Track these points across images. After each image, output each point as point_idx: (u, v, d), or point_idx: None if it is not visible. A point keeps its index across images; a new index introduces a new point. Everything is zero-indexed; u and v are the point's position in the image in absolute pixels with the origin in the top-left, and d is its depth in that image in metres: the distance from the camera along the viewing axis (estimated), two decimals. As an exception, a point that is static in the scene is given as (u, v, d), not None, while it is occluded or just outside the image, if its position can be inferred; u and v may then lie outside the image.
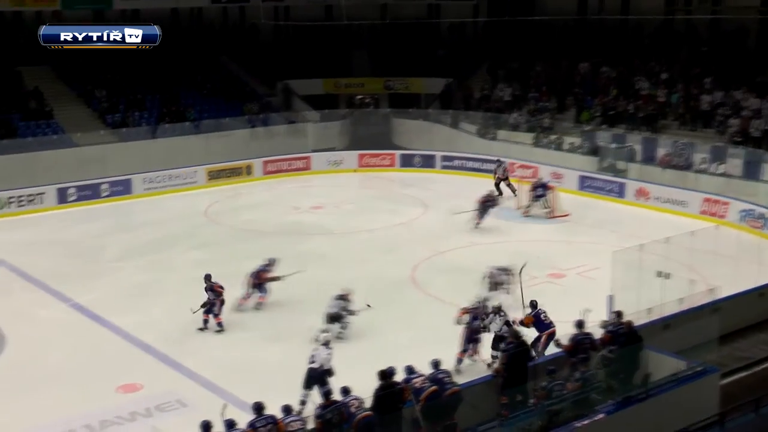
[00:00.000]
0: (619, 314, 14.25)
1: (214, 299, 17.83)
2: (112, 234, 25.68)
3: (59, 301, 19.68)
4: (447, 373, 12.66)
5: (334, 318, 17.17)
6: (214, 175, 32.22)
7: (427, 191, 30.75)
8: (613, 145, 30.67)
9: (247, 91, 38.19)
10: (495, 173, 29.74)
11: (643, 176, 29.02)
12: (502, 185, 29.17)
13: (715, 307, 16.28)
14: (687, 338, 14.72)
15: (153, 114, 34.43)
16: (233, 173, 32.74)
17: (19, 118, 31.56)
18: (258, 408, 11.34)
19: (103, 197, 29.53)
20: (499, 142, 34.32)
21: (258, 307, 19.12)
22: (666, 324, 15.57)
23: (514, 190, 28.84)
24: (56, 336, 17.74)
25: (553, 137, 33.02)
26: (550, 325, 15.58)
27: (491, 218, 25.59)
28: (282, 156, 34.18)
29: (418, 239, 24.47)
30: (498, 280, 18.66)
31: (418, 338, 16.66)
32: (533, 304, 15.90)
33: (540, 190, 26.82)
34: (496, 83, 38.50)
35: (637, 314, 14.97)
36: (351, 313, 17.25)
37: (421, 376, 12.38)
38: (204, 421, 10.99)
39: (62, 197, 28.87)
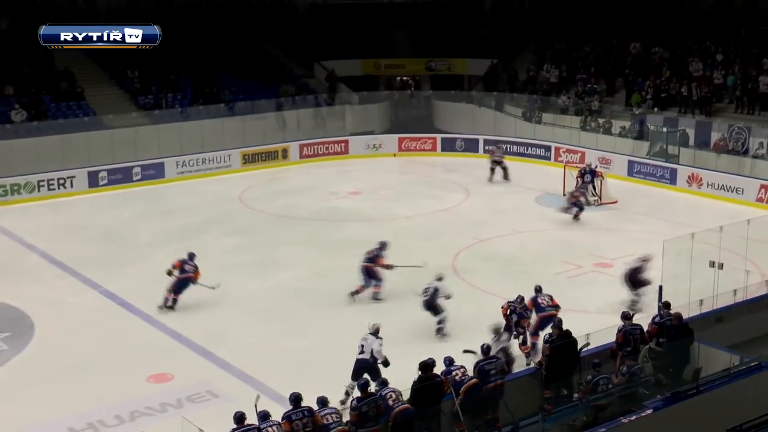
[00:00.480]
0: (667, 305, 14.08)
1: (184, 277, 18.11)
2: (144, 219, 25.91)
3: (89, 288, 19.88)
4: (495, 364, 12.53)
5: (429, 306, 16.81)
6: (249, 159, 32.38)
7: (469, 177, 30.62)
8: (665, 129, 30.29)
9: (283, 72, 38.29)
10: (493, 153, 29.92)
11: (695, 162, 28.64)
12: (498, 169, 29.43)
13: (771, 299, 16.05)
14: (741, 332, 14.54)
15: (186, 95, 34.66)
16: (269, 157, 32.87)
17: (49, 99, 31.93)
18: (296, 399, 11.33)
19: (135, 181, 29.80)
20: (546, 125, 34.06)
21: (376, 297, 18.56)
22: (719, 316, 15.37)
23: (506, 176, 29.20)
24: (86, 324, 17.92)
25: (601, 121, 32.69)
26: (546, 309, 15.62)
27: (539, 206, 25.47)
28: (319, 139, 34.24)
29: (459, 226, 24.39)
30: None
31: (458, 328, 16.59)
32: (537, 289, 16.07)
33: (588, 176, 26.56)
34: (542, 64, 38.18)
35: (688, 306, 14.79)
36: (447, 297, 16.82)
37: (462, 368, 12.31)
38: (237, 413, 11.05)
39: (93, 181, 29.18)
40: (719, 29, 35.03)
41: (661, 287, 15.32)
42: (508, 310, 15.45)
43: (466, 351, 13.72)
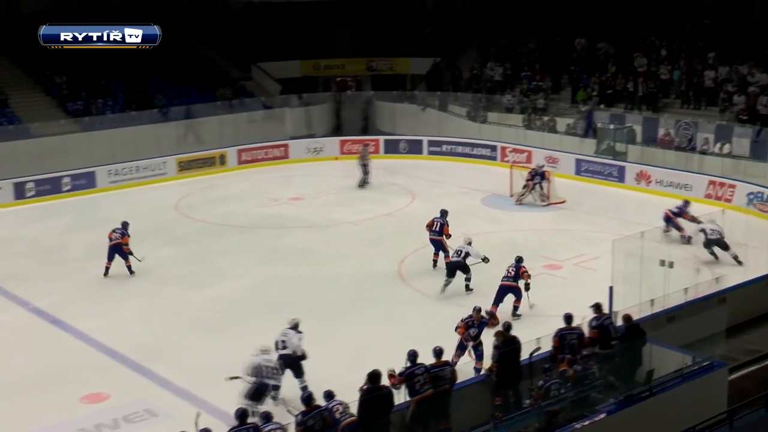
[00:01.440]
0: (598, 307, 14.20)
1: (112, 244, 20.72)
2: (75, 231, 25.49)
3: (16, 305, 19.48)
4: (444, 368, 12.58)
5: (457, 268, 18.92)
6: (185, 166, 32.06)
7: (414, 179, 30.69)
8: (612, 126, 30.67)
9: (219, 75, 38.01)
10: (361, 156, 30.38)
11: (643, 159, 29.04)
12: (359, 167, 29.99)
13: (722, 297, 16.29)
14: (693, 331, 14.70)
15: (118, 101, 34.24)
16: (206, 163, 32.59)
17: (-29, 107, 31.33)
18: (241, 415, 11.24)
19: (65, 192, 29.32)
20: (491, 125, 34.27)
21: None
22: (670, 316, 15.56)
23: (364, 176, 29.71)
24: (14, 343, 17.55)
25: (546, 119, 32.99)
26: (503, 279, 17.83)
27: (486, 207, 25.69)
28: (258, 144, 34.03)
29: (404, 231, 24.39)
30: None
31: (407, 336, 16.54)
32: (517, 259, 18.09)
33: (537, 178, 26.72)
34: (486, 62, 38.46)
35: (639, 306, 14.95)
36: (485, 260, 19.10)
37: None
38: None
39: (20, 192, 28.66)
40: (664, 24, 35.63)
41: (611, 288, 15.44)
42: (466, 328, 15.15)
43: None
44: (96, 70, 34.88)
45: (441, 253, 20.76)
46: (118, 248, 20.75)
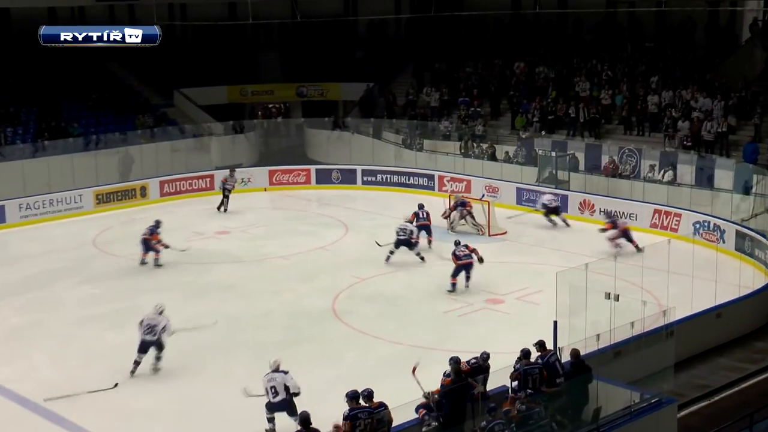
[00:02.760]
0: (542, 345, 14.36)
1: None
2: (-17, 270, 25.00)
3: None
4: (380, 410, 12.61)
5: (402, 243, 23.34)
6: (104, 199, 31.68)
7: (347, 210, 30.75)
8: (553, 154, 31.13)
9: (139, 101, 37.75)
10: (226, 181, 31.27)
11: (586, 187, 29.50)
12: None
13: (669, 330, 16.51)
14: (640, 366, 14.92)
15: (29, 130, 33.77)
16: (125, 196, 32.25)
17: None
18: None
19: (-28, 227, 28.78)
20: (427, 152, 34.56)
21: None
22: (617, 351, 15.76)
23: (224, 206, 31.01)
24: None
25: (484, 146, 33.35)
26: (462, 257, 21.58)
27: (424, 240, 25.88)
28: (181, 175, 33.80)
29: (338, 265, 24.41)
30: None
31: (343, 376, 16.54)
32: (455, 242, 22.14)
33: (460, 208, 27.07)
34: (422, 87, 38.84)
35: (585, 341, 15.13)
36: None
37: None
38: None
39: None
40: (605, 47, 36.40)
41: (555, 323, 15.63)
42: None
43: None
44: (4, 96, 34.38)
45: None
46: (147, 242, 24.27)
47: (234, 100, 41.86)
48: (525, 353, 14.05)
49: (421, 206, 25.89)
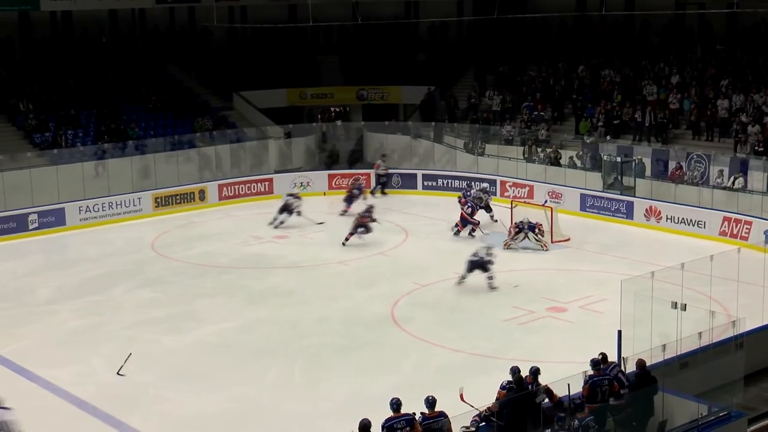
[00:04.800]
0: (604, 357, 14.18)
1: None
2: (43, 272, 25.44)
3: (-21, 353, 19.43)
4: (438, 420, 12.59)
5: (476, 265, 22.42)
6: (162, 202, 32.10)
7: (407, 215, 30.78)
8: (619, 159, 30.85)
9: (198, 104, 38.20)
10: (377, 167, 33.79)
11: (653, 194, 29.19)
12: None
13: (739, 341, 16.27)
14: (708, 378, 14.72)
15: (89, 132, 34.32)
16: (184, 199, 32.63)
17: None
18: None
19: (32, 230, 29.27)
20: (489, 157, 34.44)
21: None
22: (684, 362, 15.55)
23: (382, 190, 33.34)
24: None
25: (548, 151, 33.15)
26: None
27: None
28: (240, 178, 34.12)
29: (397, 271, 24.46)
30: None
31: (401, 384, 16.57)
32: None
33: (527, 231, 26.43)
34: (484, 91, 38.73)
35: (650, 351, 14.98)
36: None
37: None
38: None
39: (-17, 231, 28.68)
40: (673, 50, 35.98)
41: (619, 332, 15.50)
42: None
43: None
44: (65, 98, 35.02)
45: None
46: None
47: (293, 103, 42.11)
48: (594, 363, 13.92)
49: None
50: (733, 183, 27.87)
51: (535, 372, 13.68)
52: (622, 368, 14.37)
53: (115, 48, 39.30)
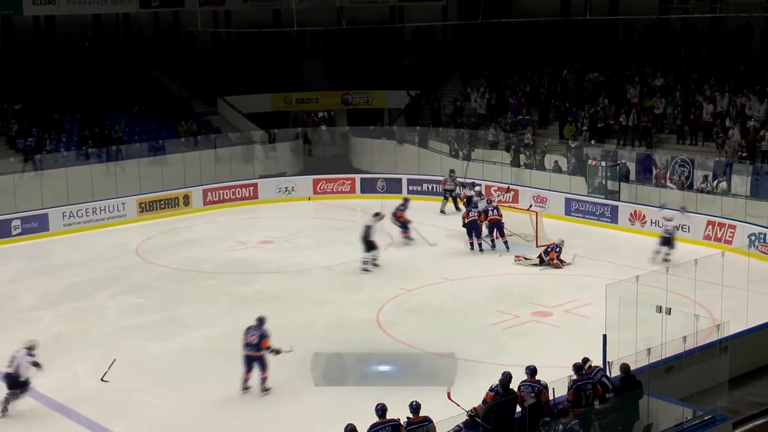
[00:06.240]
0: (585, 361, 14.21)
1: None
2: (26, 278, 25.34)
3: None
4: (422, 425, 12.61)
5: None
6: (146, 207, 32.01)
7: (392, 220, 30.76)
8: (603, 163, 30.95)
9: (182, 108, 38.14)
10: (445, 182, 32.07)
11: (637, 198, 29.30)
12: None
13: (723, 345, 16.34)
14: (693, 382, 14.78)
15: (73, 137, 34.23)
16: (168, 204, 32.55)
17: None
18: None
19: (14, 236, 29.12)
20: (475, 162, 34.50)
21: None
22: (668, 366, 15.63)
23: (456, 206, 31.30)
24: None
25: (533, 155, 33.20)
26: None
27: (469, 250, 25.98)
28: (225, 183, 34.07)
29: (383, 275, 24.47)
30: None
31: (386, 389, 16.56)
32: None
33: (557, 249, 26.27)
34: (469, 95, 38.78)
35: (635, 356, 15.03)
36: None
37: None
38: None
39: (-35, 237, 28.54)
40: (657, 53, 36.14)
41: (604, 336, 15.56)
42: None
43: None
44: (48, 103, 34.91)
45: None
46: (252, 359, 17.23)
47: (278, 108, 42.11)
48: (577, 368, 13.97)
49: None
50: (717, 187, 28.01)
51: (532, 371, 13.72)
52: (607, 372, 14.43)
53: (99, 52, 39.20)
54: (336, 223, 31.23)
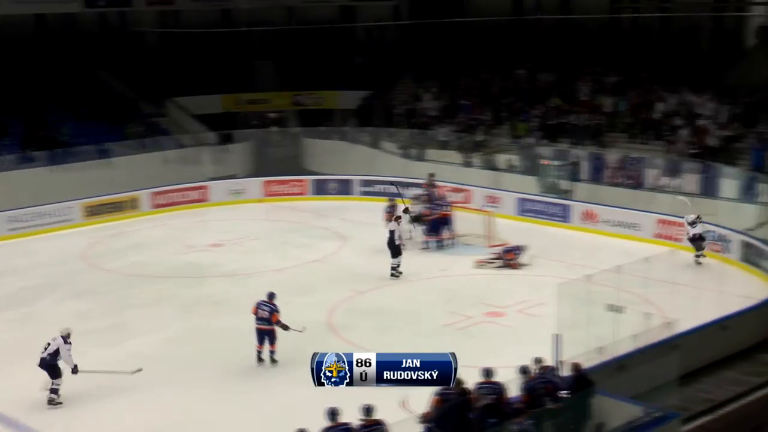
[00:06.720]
0: (538, 360, 14.34)
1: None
2: (-30, 285, 25.03)
3: None
4: (374, 428, 12.62)
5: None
6: (93, 211, 31.71)
7: (344, 222, 30.78)
8: (555, 162, 31.16)
9: (130, 110, 37.84)
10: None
11: (590, 197, 29.55)
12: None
13: (673, 343, 16.57)
14: (644, 380, 14.95)
15: (16, 140, 33.82)
16: (116, 208, 32.27)
17: None
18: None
19: (-43, 241, 28.84)
20: (427, 162, 34.57)
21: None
22: (620, 364, 15.79)
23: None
24: None
25: (486, 155, 33.33)
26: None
27: (421, 251, 26.05)
28: (174, 186, 33.85)
29: (335, 278, 24.46)
30: None
31: (338, 393, 16.52)
32: None
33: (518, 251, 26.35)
34: (421, 95, 38.86)
35: (587, 354, 15.17)
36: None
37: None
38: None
39: None
40: (608, 52, 36.47)
41: (557, 336, 15.67)
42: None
43: None
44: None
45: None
46: (264, 333, 18.54)
47: (228, 109, 41.90)
48: (523, 369, 14.06)
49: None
50: (669, 185, 28.33)
51: (488, 372, 13.77)
52: (560, 372, 14.54)
53: (43, 53, 38.74)
54: (287, 225, 31.16)
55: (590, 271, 18.21)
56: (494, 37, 40.58)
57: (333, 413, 12.50)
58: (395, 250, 24.25)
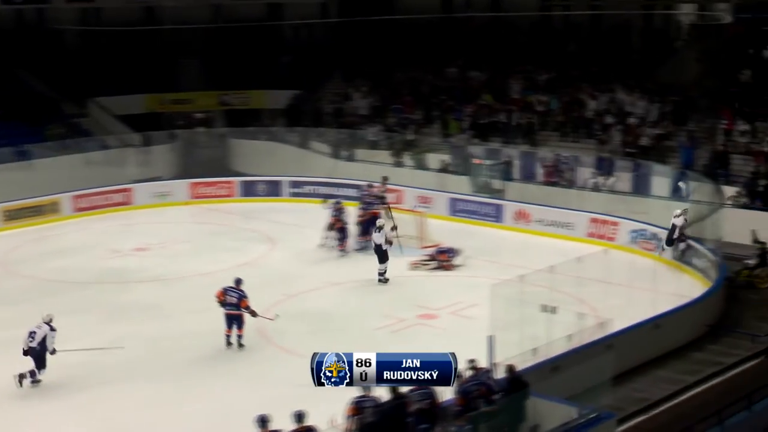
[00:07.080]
0: (471, 361, 14.42)
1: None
2: None
3: None
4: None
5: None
6: (12, 215, 31.16)
7: (273, 224, 30.65)
8: (487, 162, 31.35)
9: (51, 111, 37.25)
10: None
11: (522, 197, 29.77)
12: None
13: (607, 343, 16.80)
14: (578, 381, 15.08)
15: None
16: (36, 212, 31.74)
17: None
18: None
19: None
20: (357, 162, 34.58)
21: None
22: (554, 366, 15.95)
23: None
24: None
25: (416, 154, 33.41)
26: None
27: (353, 252, 26.10)
28: (96, 189, 33.37)
29: (264, 281, 24.29)
30: None
31: (270, 399, 16.48)
32: None
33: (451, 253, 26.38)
34: (351, 94, 38.86)
35: (521, 356, 15.29)
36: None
37: None
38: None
39: None
40: (539, 50, 36.84)
41: (490, 337, 15.77)
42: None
43: None
44: None
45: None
46: (233, 318, 19.57)
47: (152, 110, 41.47)
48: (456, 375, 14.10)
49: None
50: (600, 184, 28.72)
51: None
52: (494, 374, 14.63)
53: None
54: (215, 228, 30.94)
55: (523, 271, 18.35)
56: (425, 35, 40.72)
57: (263, 420, 12.45)
58: (382, 255, 24.03)
